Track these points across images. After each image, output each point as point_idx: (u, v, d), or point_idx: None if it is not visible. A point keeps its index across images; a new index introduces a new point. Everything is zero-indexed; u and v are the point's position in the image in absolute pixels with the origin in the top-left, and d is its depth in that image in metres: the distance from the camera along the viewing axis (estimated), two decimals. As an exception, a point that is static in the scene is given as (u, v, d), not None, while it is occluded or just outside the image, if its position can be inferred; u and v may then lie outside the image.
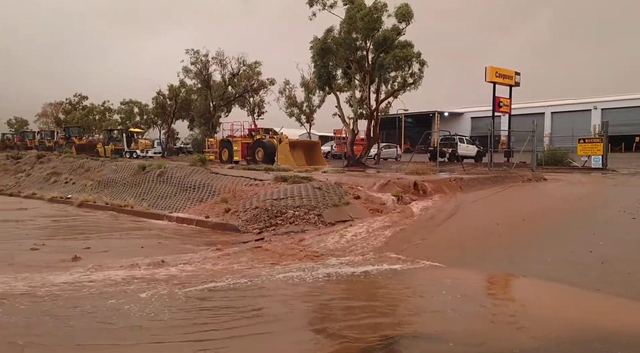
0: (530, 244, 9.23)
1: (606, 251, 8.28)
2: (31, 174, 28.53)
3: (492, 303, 6.46)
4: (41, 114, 59.37)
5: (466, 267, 8.12)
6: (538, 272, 7.53)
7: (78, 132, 43.14)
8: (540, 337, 5.04)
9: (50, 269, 8.11)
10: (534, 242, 9.37)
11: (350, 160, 24.03)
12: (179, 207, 15.72)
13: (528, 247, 9.04)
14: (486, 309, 6.12)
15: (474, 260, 8.45)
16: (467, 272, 7.87)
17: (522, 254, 8.61)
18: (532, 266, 7.84)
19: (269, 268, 7.95)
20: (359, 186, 14.28)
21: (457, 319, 5.65)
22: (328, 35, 22.96)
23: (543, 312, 5.87)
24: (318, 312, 6.08)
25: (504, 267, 8.08)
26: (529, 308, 6.09)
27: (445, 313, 5.86)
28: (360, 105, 26.94)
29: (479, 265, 8.25)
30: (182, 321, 5.64)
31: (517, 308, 6.16)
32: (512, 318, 5.73)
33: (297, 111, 40.28)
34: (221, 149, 27.65)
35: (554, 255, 8.30)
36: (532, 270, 7.66)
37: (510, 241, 9.42)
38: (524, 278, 7.51)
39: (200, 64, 35.81)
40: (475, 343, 4.92)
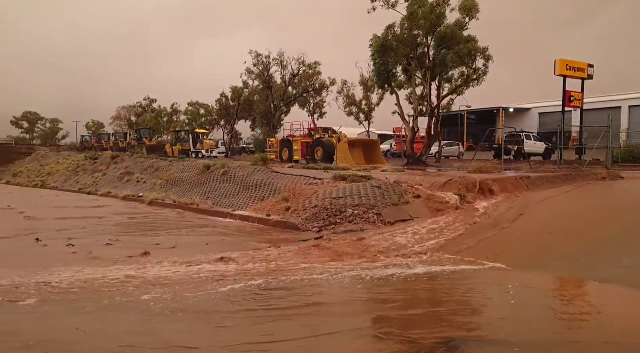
0: (604, 247, 8.67)
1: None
2: (106, 174, 30.47)
3: (561, 309, 6.13)
4: (115, 117, 63.04)
5: (534, 269, 7.77)
6: (613, 276, 7.07)
7: (148, 133, 45.43)
8: (615, 345, 4.74)
9: (124, 263, 8.65)
10: (608, 244, 8.80)
11: (410, 159, 23.66)
12: (241, 205, 16.19)
13: (601, 250, 8.50)
14: (555, 314, 5.83)
15: (542, 262, 8.07)
16: (535, 275, 7.53)
17: (595, 257, 8.12)
18: (607, 270, 7.37)
19: (328, 267, 8.01)
20: (419, 185, 14.04)
21: (523, 324, 5.42)
22: (388, 32, 22.71)
23: (618, 320, 5.51)
24: (378, 313, 6.03)
25: (575, 270, 7.66)
26: (603, 315, 5.74)
27: (511, 317, 5.64)
28: (420, 102, 26.43)
29: (548, 267, 7.86)
30: (244, 317, 5.82)
31: (589, 315, 5.82)
32: (582, 325, 5.43)
33: (356, 110, 40.19)
34: (281, 148, 28.15)
35: (631, 259, 7.76)
36: (606, 274, 7.20)
37: (582, 243, 8.90)
38: (596, 283, 7.07)
39: (261, 65, 36.67)
40: (543, 350, 4.70)
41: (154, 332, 5.24)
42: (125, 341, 4.90)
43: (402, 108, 25.27)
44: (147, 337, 5.08)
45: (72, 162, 37.57)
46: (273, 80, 37.71)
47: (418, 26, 21.68)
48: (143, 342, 4.91)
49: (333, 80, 38.70)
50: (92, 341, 4.96)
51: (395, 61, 23.65)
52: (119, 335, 5.09)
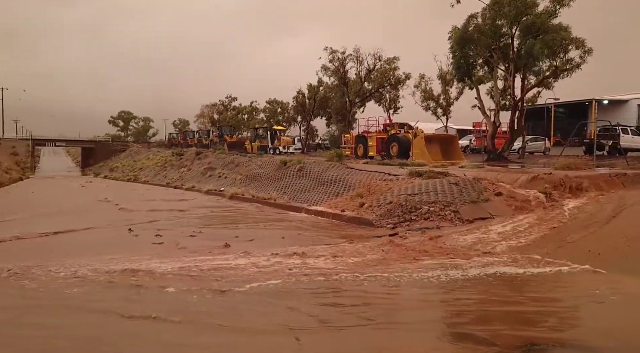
0: None
1: None
2: (191, 169, 32.25)
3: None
4: (199, 115, 66.41)
5: (629, 274, 7.13)
6: None
7: (229, 130, 47.40)
8: None
9: (206, 253, 9.10)
10: None
11: (491, 155, 22.63)
12: (316, 201, 16.42)
13: None
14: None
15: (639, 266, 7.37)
16: (631, 280, 6.90)
17: None
18: None
19: (403, 265, 7.89)
20: (500, 182, 13.39)
21: (617, 332, 5.00)
22: (469, 23, 21.80)
23: None
24: (458, 315, 5.80)
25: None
26: None
27: (603, 325, 5.23)
28: (502, 95, 25.17)
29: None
30: (319, 308, 5.90)
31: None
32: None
33: (434, 104, 39.14)
34: (356, 145, 28.11)
35: None
36: None
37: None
38: None
39: (337, 61, 36.79)
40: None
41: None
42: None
43: (483, 102, 24.23)
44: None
45: (161, 158, 40.20)
46: (348, 76, 37.71)
47: (503, 15, 20.59)
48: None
49: (408, 74, 37.95)
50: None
51: (476, 53, 22.67)
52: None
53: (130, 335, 5.12)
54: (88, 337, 5.03)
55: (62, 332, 5.25)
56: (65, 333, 5.19)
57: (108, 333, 5.13)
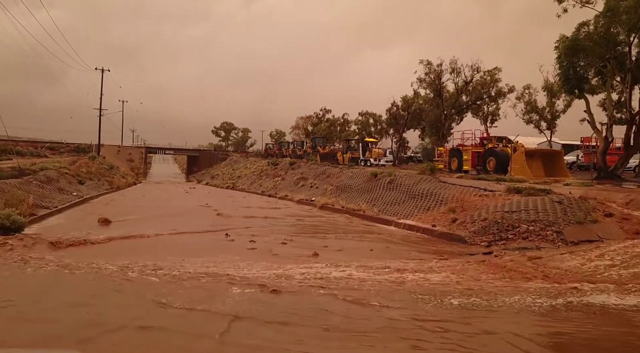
0: None
1: None
2: (285, 178, 33.36)
3: None
4: (294, 126, 68.76)
5: None
6: None
7: (322, 141, 48.45)
8: None
9: (297, 262, 9.35)
10: None
11: (601, 172, 20.72)
12: (406, 214, 16.16)
13: None
14: None
15: None
16: None
17: None
18: None
19: (499, 287, 7.46)
20: (612, 202, 12.24)
21: None
22: (579, 31, 20.32)
23: None
24: (556, 350, 5.31)
25: None
26: None
27: None
28: (617, 108, 23.02)
29: None
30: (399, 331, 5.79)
31: None
32: None
33: (537, 117, 36.85)
34: (450, 158, 27.30)
35: None
36: None
37: None
38: None
39: (433, 74, 36.10)
40: None
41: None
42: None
43: (593, 115, 22.33)
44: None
45: (257, 168, 42.08)
46: (445, 88, 36.82)
47: (619, 22, 18.94)
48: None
49: (512, 87, 36.19)
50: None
51: (588, 63, 21.03)
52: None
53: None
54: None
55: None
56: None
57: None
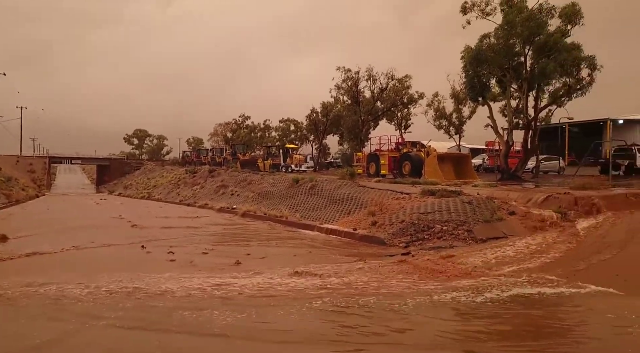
0: None
1: None
2: (204, 187, 32.47)
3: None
4: (213, 133, 67.20)
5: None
6: None
7: (242, 148, 47.82)
8: None
9: (216, 271, 9.11)
10: None
11: (504, 174, 22.44)
12: (328, 219, 16.38)
13: None
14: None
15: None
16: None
17: None
18: None
19: (416, 285, 7.80)
20: (514, 201, 13.27)
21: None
22: (482, 42, 21.89)
23: None
24: (473, 339, 5.59)
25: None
26: None
27: (621, 346, 5.10)
28: (515, 114, 25.08)
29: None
30: (320, 334, 5.84)
31: None
32: None
33: (446, 123, 39.15)
34: (368, 163, 28.11)
35: None
36: None
37: None
38: None
39: (350, 81, 37.10)
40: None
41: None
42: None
43: (496, 121, 24.13)
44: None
45: (175, 176, 40.56)
46: (362, 95, 37.96)
47: (515, 35, 20.67)
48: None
49: (422, 94, 38.14)
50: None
51: (489, 72, 22.70)
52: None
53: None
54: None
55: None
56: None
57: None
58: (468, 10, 21.72)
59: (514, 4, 20.53)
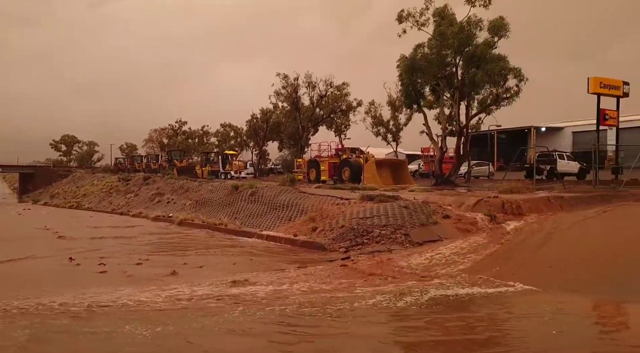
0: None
1: None
2: (138, 195, 31.18)
3: (600, 331, 5.88)
4: (148, 139, 64.95)
5: (569, 292, 7.47)
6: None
7: (179, 155, 46.51)
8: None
9: (150, 283, 8.74)
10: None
11: (439, 179, 23.33)
12: (269, 226, 16.25)
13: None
14: (595, 337, 5.57)
15: (577, 285, 7.75)
16: (571, 298, 7.23)
17: (635, 281, 7.73)
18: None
19: (355, 289, 7.90)
20: (448, 205, 13.81)
21: (563, 347, 5.20)
22: (416, 52, 22.68)
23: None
24: (409, 341, 5.78)
25: (614, 294, 7.32)
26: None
27: (550, 340, 5.41)
28: (449, 122, 26.17)
29: (584, 291, 7.54)
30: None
31: (631, 340, 5.53)
32: (626, 349, 5.17)
33: (384, 130, 40.14)
34: (309, 169, 28.23)
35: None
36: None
37: (620, 266, 8.49)
38: (635, 306, 6.73)
39: (290, 87, 37.18)
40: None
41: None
42: None
43: (431, 128, 25.06)
44: None
45: (107, 184, 38.66)
46: (301, 101, 38.15)
47: (447, 46, 21.60)
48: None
49: (360, 101, 38.92)
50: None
51: (424, 81, 23.55)
52: None
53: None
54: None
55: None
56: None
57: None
58: (404, 20, 22.48)
59: (446, 16, 21.49)
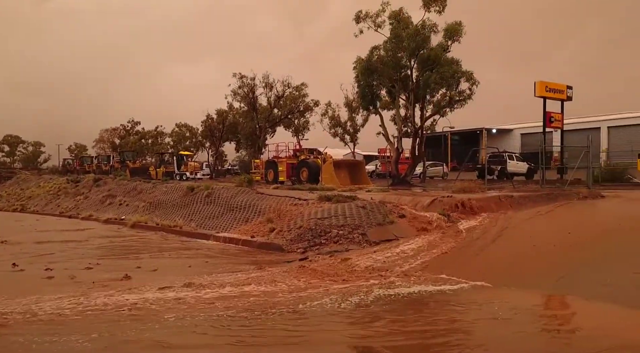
0: (587, 265, 8.68)
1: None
2: (89, 197, 29.98)
3: (545, 324, 6.13)
4: (98, 140, 62.70)
5: (517, 287, 7.77)
6: (597, 294, 7.09)
7: (132, 156, 45.15)
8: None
9: (100, 287, 8.41)
10: (591, 263, 8.81)
11: (395, 179, 23.75)
12: (225, 227, 16.01)
13: (584, 268, 8.51)
14: (541, 329, 5.81)
15: (525, 280, 8.07)
16: (519, 292, 7.53)
17: (578, 275, 8.14)
18: (589, 288, 7.40)
19: (312, 289, 7.89)
20: (404, 205, 14.05)
21: (511, 340, 5.39)
22: (373, 54, 22.97)
23: (601, 334, 5.51)
24: (366, 337, 5.84)
25: (558, 287, 7.67)
26: (587, 330, 5.73)
27: (499, 334, 5.60)
28: (404, 123, 26.68)
29: (531, 285, 7.86)
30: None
31: (573, 330, 5.81)
32: (568, 339, 5.42)
33: (341, 131, 40.48)
34: (267, 170, 28.08)
35: (614, 277, 7.80)
36: (588, 292, 7.23)
37: (565, 261, 8.92)
38: (579, 300, 7.08)
39: (247, 87, 36.85)
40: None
41: None
42: None
43: (387, 129, 25.47)
44: None
45: (54, 186, 36.94)
46: (258, 102, 37.90)
47: (402, 48, 22.00)
48: None
49: (317, 101, 39.07)
50: None
51: (380, 83, 23.89)
52: None
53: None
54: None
55: None
56: None
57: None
58: (361, 20, 22.76)
59: (402, 19, 21.90)
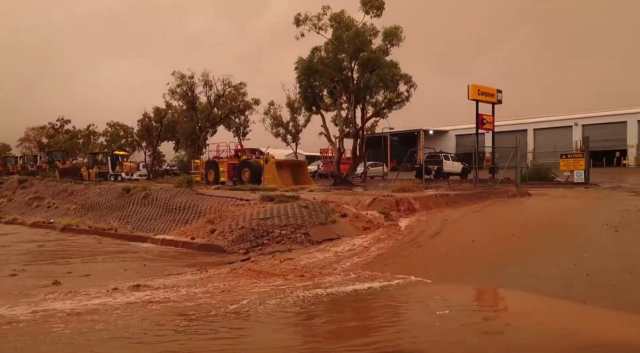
0: (517, 259, 9.25)
1: (591, 263, 8.33)
2: (13, 199, 28.01)
3: (480, 317, 6.44)
4: (24, 139, 58.78)
5: (454, 282, 8.11)
6: (525, 285, 7.54)
7: (61, 156, 42.66)
8: (530, 348, 5.03)
9: (26, 295, 7.89)
10: (521, 256, 9.39)
11: (337, 179, 24.03)
12: (164, 229, 15.52)
13: (514, 262, 9.05)
14: (475, 323, 6.09)
15: (461, 275, 8.45)
16: (455, 287, 7.85)
17: (509, 268, 8.62)
18: (519, 280, 7.86)
19: (253, 289, 7.83)
20: (346, 204, 14.25)
21: (447, 333, 5.60)
22: (314, 55, 23.07)
23: (531, 324, 5.86)
24: (309, 335, 5.91)
25: (492, 281, 8.08)
26: (517, 320, 6.08)
27: (436, 329, 5.80)
28: (346, 124, 27.04)
29: (467, 280, 8.23)
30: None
31: (505, 321, 6.14)
32: (501, 330, 5.71)
33: (283, 131, 40.35)
34: (207, 170, 27.50)
35: (540, 269, 8.33)
36: (519, 284, 7.68)
37: (497, 256, 9.44)
38: (510, 292, 7.51)
39: (185, 85, 35.84)
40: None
41: None
42: None
43: (329, 130, 25.70)
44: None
45: (-28, 188, 34.21)
46: (198, 101, 37.00)
47: (343, 50, 22.27)
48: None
49: (257, 100, 38.68)
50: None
51: (321, 84, 24.06)
52: None
53: None
54: None
55: None
56: None
57: None
58: (301, 23, 22.75)
59: (343, 21, 22.17)
